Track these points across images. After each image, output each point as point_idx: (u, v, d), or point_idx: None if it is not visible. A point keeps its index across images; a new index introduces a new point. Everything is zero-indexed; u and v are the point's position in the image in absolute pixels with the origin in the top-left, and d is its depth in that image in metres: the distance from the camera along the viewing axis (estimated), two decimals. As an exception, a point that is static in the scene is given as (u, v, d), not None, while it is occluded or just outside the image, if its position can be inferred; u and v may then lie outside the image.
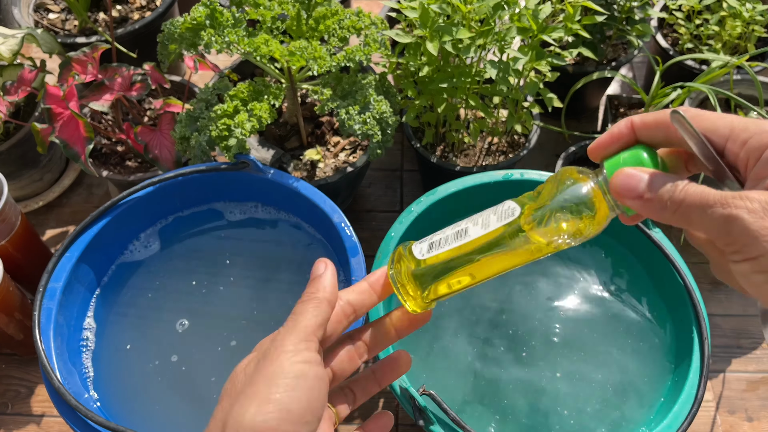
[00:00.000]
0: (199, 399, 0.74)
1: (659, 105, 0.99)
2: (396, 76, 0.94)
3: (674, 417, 0.66)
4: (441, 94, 0.89)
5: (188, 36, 0.82)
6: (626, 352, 0.78)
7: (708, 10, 1.13)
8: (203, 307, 0.81)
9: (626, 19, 1.04)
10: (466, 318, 0.81)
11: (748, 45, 1.09)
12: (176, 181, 0.82)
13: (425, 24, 0.83)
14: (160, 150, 0.93)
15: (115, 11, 1.18)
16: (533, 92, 0.89)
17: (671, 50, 1.13)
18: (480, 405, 0.74)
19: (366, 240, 1.06)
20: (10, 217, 0.85)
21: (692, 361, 0.69)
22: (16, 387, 0.93)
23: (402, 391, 0.66)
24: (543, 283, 0.83)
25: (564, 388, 0.76)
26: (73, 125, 0.86)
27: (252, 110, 0.81)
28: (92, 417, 0.63)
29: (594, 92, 1.18)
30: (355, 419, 0.90)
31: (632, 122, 0.36)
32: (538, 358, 0.78)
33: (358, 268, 0.74)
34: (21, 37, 0.95)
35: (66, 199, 1.13)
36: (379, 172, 1.17)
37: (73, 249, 0.76)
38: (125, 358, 0.77)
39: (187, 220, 0.88)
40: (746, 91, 1.09)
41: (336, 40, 0.85)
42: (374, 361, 0.49)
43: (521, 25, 0.85)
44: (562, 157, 1.04)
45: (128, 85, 0.93)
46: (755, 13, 1.03)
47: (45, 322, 0.71)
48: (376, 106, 0.83)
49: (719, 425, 0.91)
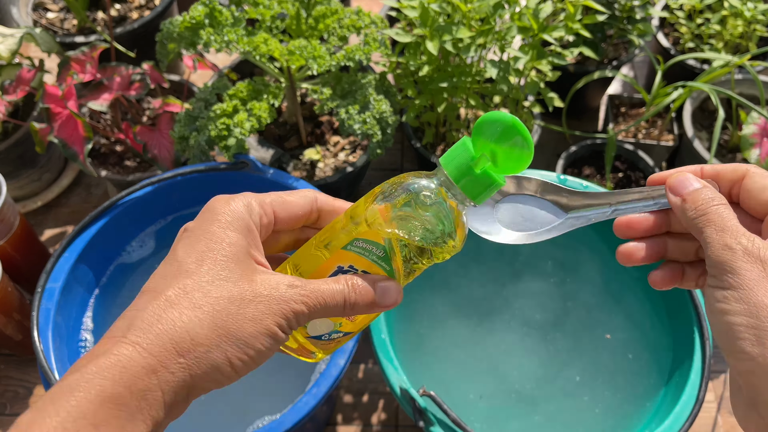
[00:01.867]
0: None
1: (660, 104, 0.98)
2: (396, 76, 0.94)
3: (675, 417, 0.65)
4: (441, 94, 0.89)
5: (187, 35, 0.82)
6: (627, 352, 0.78)
7: (709, 10, 1.13)
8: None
9: (627, 19, 1.03)
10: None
11: (750, 44, 1.08)
12: (175, 180, 0.82)
13: (425, 23, 0.83)
14: (159, 149, 0.93)
15: (114, 10, 1.18)
16: (534, 92, 0.89)
17: (672, 49, 1.13)
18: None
19: (366, 240, 1.05)
20: (8, 217, 0.85)
21: (693, 361, 0.69)
22: (15, 387, 0.93)
23: (402, 393, 0.65)
24: (544, 281, 0.83)
25: (563, 391, 0.76)
26: (72, 125, 0.86)
27: (251, 110, 0.80)
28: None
29: (595, 92, 1.18)
30: (355, 419, 0.90)
31: (703, 169, 0.36)
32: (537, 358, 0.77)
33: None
34: (20, 36, 0.94)
35: (65, 199, 1.13)
36: (379, 172, 1.16)
37: (72, 249, 0.76)
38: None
39: (186, 219, 0.87)
40: (748, 90, 1.09)
41: (336, 39, 0.85)
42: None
43: (522, 24, 0.85)
44: (562, 156, 1.03)
45: (127, 85, 0.93)
46: (757, 12, 1.03)
47: (43, 323, 0.71)
48: (376, 105, 0.83)
49: (720, 426, 0.90)
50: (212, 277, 0.30)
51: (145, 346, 0.28)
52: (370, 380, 0.93)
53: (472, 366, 0.78)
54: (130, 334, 0.28)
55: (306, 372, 0.75)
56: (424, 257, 0.34)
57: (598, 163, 1.06)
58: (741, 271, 0.31)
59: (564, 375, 0.77)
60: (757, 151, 0.95)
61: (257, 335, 0.30)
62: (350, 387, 0.93)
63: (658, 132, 1.08)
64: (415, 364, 0.77)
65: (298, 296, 0.31)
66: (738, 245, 0.31)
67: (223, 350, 0.29)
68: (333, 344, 0.38)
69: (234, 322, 0.29)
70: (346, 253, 0.34)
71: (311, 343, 0.37)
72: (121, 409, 0.27)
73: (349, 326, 0.37)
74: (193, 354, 0.28)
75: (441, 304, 0.82)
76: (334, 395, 0.88)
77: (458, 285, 0.83)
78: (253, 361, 0.30)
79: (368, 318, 0.37)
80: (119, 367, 0.27)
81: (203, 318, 0.29)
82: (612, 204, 0.36)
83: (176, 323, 0.28)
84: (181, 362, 0.28)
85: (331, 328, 0.36)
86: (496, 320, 0.80)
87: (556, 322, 0.80)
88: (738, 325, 0.30)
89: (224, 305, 0.29)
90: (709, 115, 1.09)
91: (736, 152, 1.05)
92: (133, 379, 0.27)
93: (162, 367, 0.28)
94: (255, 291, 0.31)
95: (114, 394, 0.27)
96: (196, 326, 0.29)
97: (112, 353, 0.27)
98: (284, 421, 0.63)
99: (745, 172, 0.35)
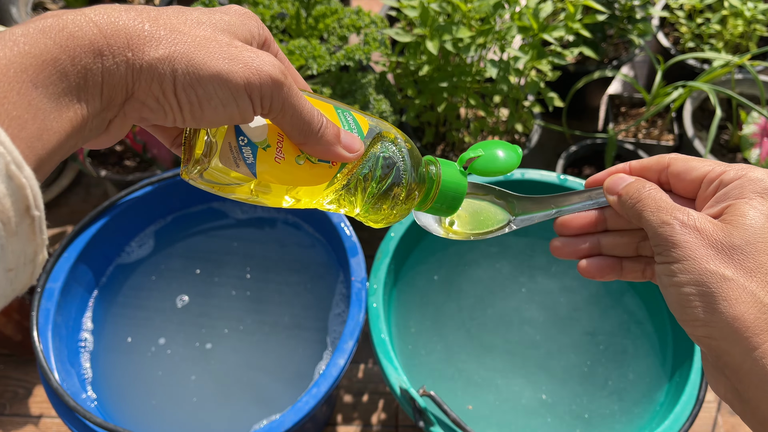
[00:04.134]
0: (197, 396, 0.74)
1: (660, 104, 0.98)
2: (396, 75, 0.94)
3: (676, 418, 0.65)
4: (441, 93, 0.89)
5: (187, 35, 0.81)
6: (627, 352, 0.78)
7: (709, 9, 1.13)
8: (203, 308, 0.81)
9: (627, 18, 1.03)
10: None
11: (750, 44, 1.08)
12: (175, 180, 0.82)
13: (425, 23, 0.83)
14: (158, 149, 0.93)
15: (114, 10, 1.18)
16: (534, 91, 0.89)
17: (672, 49, 1.13)
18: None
19: (366, 240, 1.05)
20: (7, 217, 0.85)
21: (693, 361, 0.69)
22: (14, 388, 0.93)
23: (402, 393, 0.65)
24: (545, 281, 0.83)
25: (561, 390, 0.76)
26: (72, 124, 0.85)
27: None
28: (90, 418, 0.63)
29: (595, 91, 1.18)
30: (355, 419, 0.90)
31: (630, 166, 0.39)
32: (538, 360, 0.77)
33: (357, 268, 0.73)
34: (19, 35, 0.94)
35: (64, 198, 1.13)
36: (379, 172, 1.16)
37: (72, 249, 0.76)
38: (124, 358, 0.77)
39: (186, 219, 0.87)
40: (748, 90, 1.09)
41: (335, 39, 0.85)
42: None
43: (522, 24, 0.85)
44: (563, 156, 1.03)
45: (127, 84, 0.93)
46: (757, 12, 1.03)
47: (43, 323, 0.71)
48: (376, 105, 0.83)
49: (720, 426, 0.90)
50: (201, 18, 0.29)
51: (99, 24, 0.26)
52: (370, 380, 0.93)
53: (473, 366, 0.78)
54: (90, 9, 0.26)
55: (306, 372, 0.75)
56: (384, 186, 0.36)
57: (599, 163, 1.06)
58: (681, 243, 0.32)
59: (566, 376, 0.77)
60: (757, 150, 0.95)
61: (218, 73, 0.27)
62: (350, 387, 0.93)
63: (658, 132, 1.08)
64: (415, 364, 0.77)
65: (284, 75, 0.29)
66: (674, 220, 0.33)
67: (171, 65, 0.27)
68: (232, 188, 0.33)
69: (199, 46, 0.27)
70: (333, 111, 0.35)
71: (230, 147, 0.32)
72: (62, 79, 0.25)
73: (265, 159, 0.33)
74: (141, 54, 0.26)
75: (443, 303, 0.82)
76: (334, 395, 0.88)
77: (459, 285, 0.83)
78: (198, 105, 0.28)
79: (284, 178, 0.34)
80: (67, 33, 0.25)
81: (167, 35, 0.27)
82: (556, 206, 0.40)
83: (135, 24, 0.27)
84: (129, 57, 0.26)
85: (257, 139, 0.32)
86: (496, 320, 0.80)
87: (557, 322, 0.80)
88: (688, 295, 0.32)
89: (200, 32, 0.28)
90: (710, 115, 1.09)
91: (736, 152, 1.05)
92: (78, 51, 0.25)
93: (109, 53, 0.26)
94: (241, 44, 0.29)
95: (57, 58, 0.25)
96: (155, 32, 0.27)
97: (62, 17, 0.25)
98: (284, 421, 0.63)
99: (669, 160, 0.37)
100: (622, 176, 0.38)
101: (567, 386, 0.76)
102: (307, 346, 0.77)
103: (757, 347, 0.30)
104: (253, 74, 0.28)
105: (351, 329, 0.68)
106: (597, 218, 0.39)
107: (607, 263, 0.39)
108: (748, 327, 0.30)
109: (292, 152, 0.34)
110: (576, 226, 0.39)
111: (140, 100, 0.28)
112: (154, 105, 0.28)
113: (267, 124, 0.33)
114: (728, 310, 0.30)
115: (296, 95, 0.31)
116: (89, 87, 0.26)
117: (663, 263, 0.33)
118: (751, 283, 0.31)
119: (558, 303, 0.81)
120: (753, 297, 0.31)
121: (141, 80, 0.27)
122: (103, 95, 0.26)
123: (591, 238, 0.39)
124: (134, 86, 0.27)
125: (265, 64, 0.29)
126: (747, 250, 0.31)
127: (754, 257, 0.31)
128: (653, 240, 0.34)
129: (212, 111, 0.28)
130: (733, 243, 0.32)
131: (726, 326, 0.30)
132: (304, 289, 0.82)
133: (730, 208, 0.33)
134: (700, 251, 0.32)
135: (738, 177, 0.34)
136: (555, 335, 0.79)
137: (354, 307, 0.70)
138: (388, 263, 0.75)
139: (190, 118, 0.29)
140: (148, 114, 0.28)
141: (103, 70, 0.26)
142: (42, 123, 0.24)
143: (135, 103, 0.28)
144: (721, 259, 0.31)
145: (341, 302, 0.79)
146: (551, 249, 0.40)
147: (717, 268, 0.31)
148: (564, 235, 0.40)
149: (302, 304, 0.81)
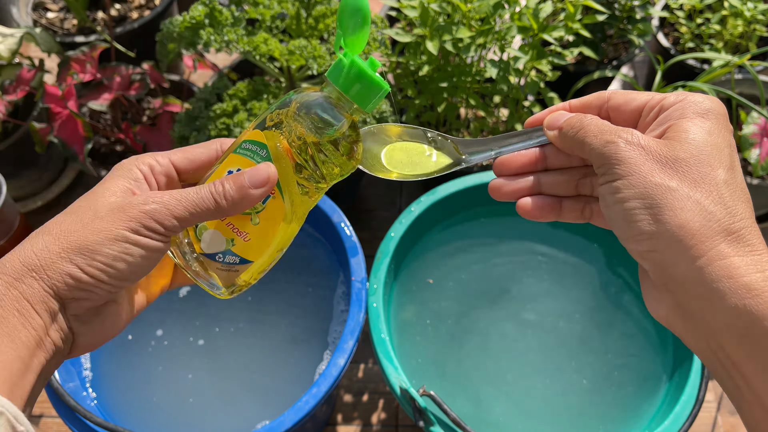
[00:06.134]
0: (197, 396, 0.74)
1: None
2: (396, 75, 0.94)
3: (675, 418, 0.65)
4: (441, 94, 0.89)
5: (187, 35, 0.82)
6: (627, 352, 0.78)
7: (709, 9, 1.13)
8: (201, 308, 0.81)
9: (627, 18, 1.03)
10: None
11: (750, 44, 1.08)
12: (175, 180, 0.82)
13: (425, 23, 0.83)
14: (159, 149, 0.93)
15: (114, 10, 1.18)
16: (534, 91, 0.89)
17: (672, 49, 1.13)
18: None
19: (366, 240, 1.05)
20: (8, 217, 0.85)
21: (693, 361, 0.69)
22: (15, 387, 0.93)
23: (402, 393, 0.65)
24: (544, 281, 0.83)
25: (561, 390, 0.76)
26: (72, 124, 0.86)
27: (251, 109, 0.80)
28: (91, 418, 0.63)
29: (595, 91, 1.18)
30: (355, 419, 0.90)
31: (570, 104, 0.39)
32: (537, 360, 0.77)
33: (358, 268, 0.73)
34: (19, 36, 0.94)
35: (65, 198, 1.13)
36: (379, 172, 1.16)
37: (72, 249, 0.76)
38: (124, 357, 0.77)
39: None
40: (748, 90, 1.09)
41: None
42: None
43: (522, 24, 0.85)
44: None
45: (127, 85, 0.93)
46: (756, 12, 1.03)
47: (43, 323, 0.71)
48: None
49: (720, 426, 0.90)
50: (76, 209, 0.34)
51: (3, 270, 0.32)
52: (370, 380, 0.94)
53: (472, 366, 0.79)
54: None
55: (306, 372, 0.75)
56: (319, 162, 0.36)
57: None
58: (626, 159, 0.32)
59: (565, 376, 0.77)
60: (757, 151, 0.95)
61: (104, 241, 0.32)
62: (350, 387, 0.93)
63: (658, 132, 1.08)
64: (415, 364, 0.77)
65: (159, 200, 0.33)
66: (618, 138, 0.33)
67: (69, 261, 0.32)
68: (232, 274, 0.37)
69: (78, 237, 0.32)
70: (235, 157, 0.36)
71: (208, 265, 0.37)
72: (8, 318, 0.30)
73: (241, 246, 0.36)
74: (43, 269, 0.31)
75: (443, 303, 0.82)
76: (334, 395, 0.88)
77: (459, 285, 0.83)
78: (113, 268, 0.32)
79: (264, 240, 0.37)
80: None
81: (50, 240, 0.32)
82: (495, 148, 0.40)
83: (26, 248, 0.32)
84: (34, 276, 0.31)
85: (223, 246, 0.36)
86: (497, 320, 0.81)
87: (557, 323, 0.80)
88: (633, 209, 0.32)
89: (72, 226, 0.33)
90: (709, 115, 1.09)
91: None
92: (1, 297, 0.31)
93: (18, 282, 0.31)
94: (111, 207, 0.33)
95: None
96: (42, 247, 0.32)
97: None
98: (284, 421, 0.63)
99: (609, 94, 0.37)
100: (563, 113, 0.38)
101: (566, 386, 0.76)
102: (308, 345, 0.77)
103: (703, 254, 0.30)
104: (132, 222, 0.33)
105: (351, 329, 0.68)
106: (537, 156, 0.39)
107: (546, 202, 0.39)
108: (693, 234, 0.30)
109: (244, 223, 0.36)
110: (515, 165, 0.39)
111: (73, 298, 0.32)
112: (85, 295, 0.32)
113: (212, 230, 0.36)
114: (673, 219, 0.30)
115: (182, 200, 0.34)
116: (25, 314, 0.31)
117: (607, 182, 0.33)
118: (696, 193, 0.31)
119: (557, 303, 0.81)
120: (698, 205, 0.30)
121: (58, 286, 0.32)
122: (40, 312, 0.31)
123: (531, 178, 0.39)
124: (57, 293, 0.32)
125: (135, 208, 0.33)
126: (691, 162, 0.31)
127: (698, 168, 0.31)
128: (597, 161, 0.34)
129: (125, 265, 0.33)
130: (677, 156, 0.32)
131: (671, 236, 0.30)
132: (305, 289, 0.82)
133: (672, 127, 0.33)
134: (645, 165, 0.32)
135: (679, 101, 0.34)
136: (554, 336, 0.79)
137: (354, 306, 0.70)
138: (388, 263, 0.75)
139: (116, 281, 0.33)
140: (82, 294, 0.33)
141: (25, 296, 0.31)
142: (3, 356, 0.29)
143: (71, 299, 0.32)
144: (666, 171, 0.31)
145: (341, 302, 0.79)
146: (490, 190, 0.40)
147: (662, 180, 0.31)
148: (503, 175, 0.39)
149: (302, 303, 0.81)
